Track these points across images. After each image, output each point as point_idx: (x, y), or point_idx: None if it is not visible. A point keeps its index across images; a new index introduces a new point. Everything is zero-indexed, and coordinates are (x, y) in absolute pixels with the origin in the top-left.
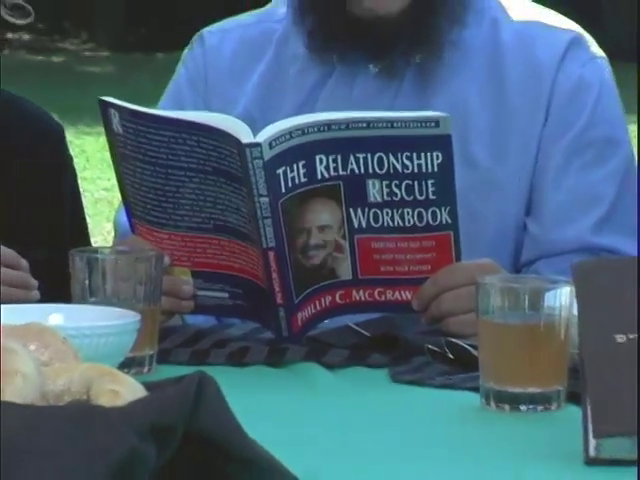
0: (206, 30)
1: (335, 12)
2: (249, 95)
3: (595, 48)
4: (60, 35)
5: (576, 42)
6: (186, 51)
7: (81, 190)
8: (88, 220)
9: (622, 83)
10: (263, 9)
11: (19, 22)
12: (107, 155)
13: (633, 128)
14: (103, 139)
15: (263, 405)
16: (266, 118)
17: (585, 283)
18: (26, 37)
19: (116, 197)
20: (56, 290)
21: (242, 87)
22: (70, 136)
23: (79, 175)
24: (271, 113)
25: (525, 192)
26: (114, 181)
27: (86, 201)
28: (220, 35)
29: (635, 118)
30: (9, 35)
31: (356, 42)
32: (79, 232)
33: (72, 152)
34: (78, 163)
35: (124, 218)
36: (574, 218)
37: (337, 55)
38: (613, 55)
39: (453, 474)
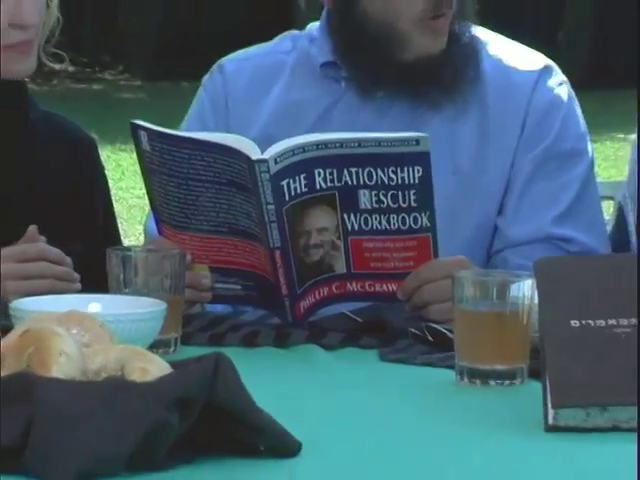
0: (225, 59)
1: (382, 56)
2: (266, 117)
3: (561, 75)
4: (100, 67)
5: (546, 70)
6: (206, 77)
7: (117, 197)
8: (123, 223)
9: (583, 105)
10: (271, 42)
11: (56, 66)
12: (139, 168)
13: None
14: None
15: (271, 380)
16: (284, 136)
17: (544, 277)
18: (71, 69)
19: (147, 204)
20: (90, 282)
21: (257, 110)
22: (108, 152)
23: (116, 185)
24: (288, 132)
25: (501, 196)
26: (144, 190)
27: (122, 207)
28: (237, 64)
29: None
30: (57, 67)
31: (399, 80)
32: (110, 228)
33: (109, 166)
34: (114, 175)
35: (152, 224)
36: (537, 214)
37: (381, 90)
38: (574, 82)
39: (431, 439)
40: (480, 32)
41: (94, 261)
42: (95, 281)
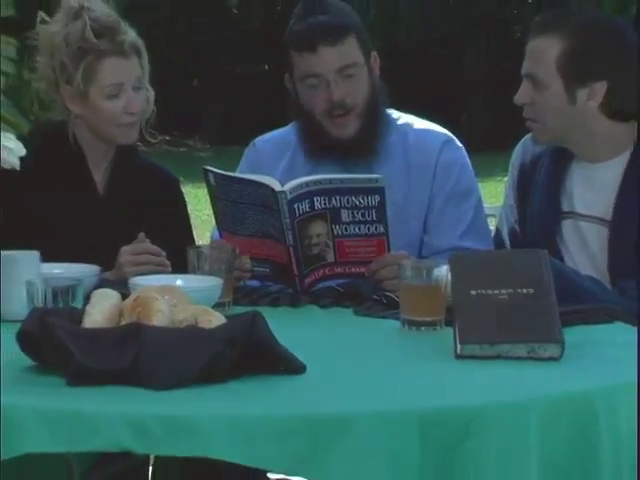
0: (257, 139)
1: (319, 136)
2: (280, 175)
3: (457, 142)
4: (184, 136)
5: (447, 139)
6: (247, 150)
7: (194, 215)
8: (197, 231)
9: (474, 162)
10: (287, 127)
11: (152, 139)
12: (208, 197)
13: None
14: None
15: (286, 326)
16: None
17: (455, 264)
18: (167, 138)
19: (212, 219)
20: (177, 267)
21: (273, 171)
22: (190, 188)
23: (194, 208)
24: (290, 180)
25: (423, 220)
26: (211, 211)
27: (197, 221)
28: (263, 142)
29: (482, 179)
30: (152, 140)
31: (334, 153)
32: (186, 235)
33: (190, 196)
34: (193, 202)
35: (216, 232)
36: (448, 232)
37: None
38: (469, 145)
39: (383, 362)
40: (406, 115)
41: (178, 254)
42: (179, 266)
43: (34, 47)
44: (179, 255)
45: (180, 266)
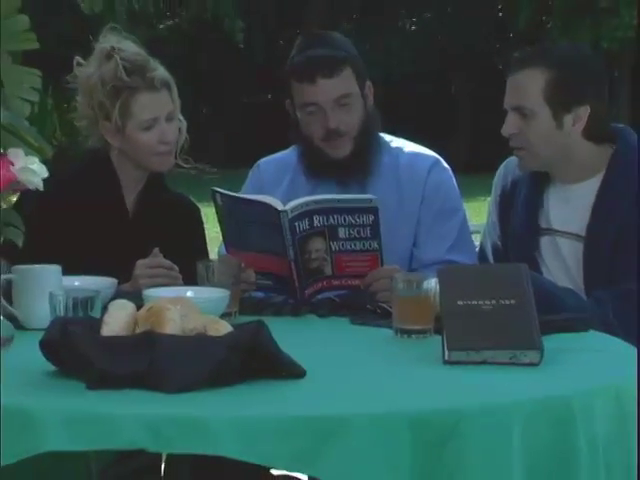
0: (261, 161)
1: (317, 157)
2: (281, 194)
3: (445, 164)
4: (194, 159)
5: (435, 161)
6: (251, 171)
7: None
8: (210, 246)
9: (459, 183)
10: (288, 149)
11: (186, 166)
12: (216, 216)
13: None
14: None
15: (288, 334)
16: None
17: (443, 277)
18: (181, 163)
19: (220, 236)
20: (187, 280)
21: (275, 191)
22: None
23: (207, 225)
24: (291, 200)
25: (413, 236)
26: (219, 229)
27: (210, 237)
28: (266, 164)
29: (467, 198)
30: (185, 165)
31: (331, 172)
32: (203, 253)
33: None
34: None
35: (223, 248)
36: (436, 246)
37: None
38: (455, 167)
39: (378, 367)
40: (398, 139)
41: (190, 269)
42: (193, 280)
43: (74, 90)
44: (190, 270)
45: (193, 280)
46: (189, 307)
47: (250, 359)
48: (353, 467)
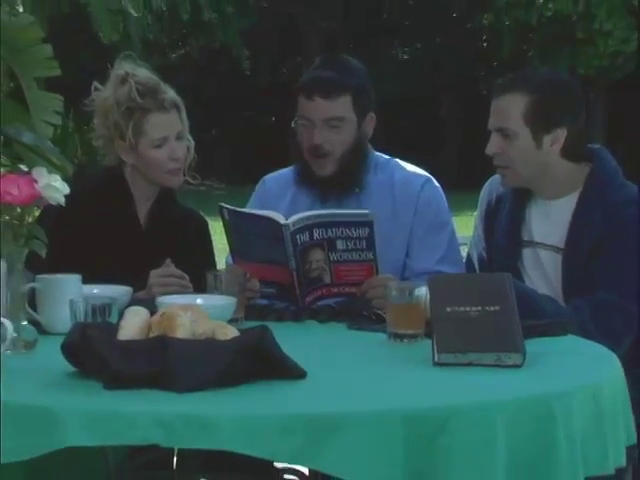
0: (266, 177)
1: (308, 172)
2: (284, 208)
3: (435, 182)
4: (203, 176)
5: (427, 179)
6: (257, 185)
7: (215, 243)
8: (217, 257)
9: (448, 199)
10: (291, 167)
11: (194, 182)
12: (224, 229)
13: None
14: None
15: (289, 338)
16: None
17: (433, 285)
18: (189, 179)
19: (227, 248)
20: (197, 288)
21: (279, 204)
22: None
23: (215, 238)
24: (293, 214)
25: (405, 248)
26: (226, 241)
27: (218, 248)
28: (270, 180)
29: (456, 213)
30: (193, 182)
31: (320, 187)
32: (211, 263)
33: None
34: (213, 233)
35: (230, 258)
36: (427, 257)
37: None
38: (444, 184)
39: (372, 370)
40: (393, 159)
41: (199, 278)
42: (200, 288)
43: (92, 112)
44: (200, 278)
45: (202, 288)
46: (199, 313)
47: (255, 361)
48: (350, 460)
